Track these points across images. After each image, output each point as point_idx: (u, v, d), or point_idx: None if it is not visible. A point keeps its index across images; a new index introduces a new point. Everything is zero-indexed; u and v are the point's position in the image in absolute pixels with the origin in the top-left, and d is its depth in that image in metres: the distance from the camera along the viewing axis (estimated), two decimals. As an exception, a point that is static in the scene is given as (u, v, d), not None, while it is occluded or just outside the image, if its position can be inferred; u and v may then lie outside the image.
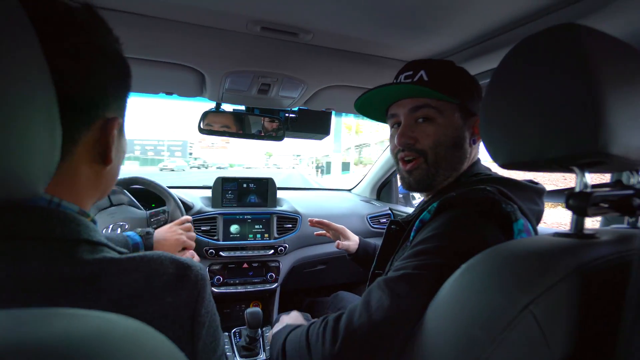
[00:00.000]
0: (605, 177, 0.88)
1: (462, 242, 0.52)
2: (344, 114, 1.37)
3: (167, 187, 1.33)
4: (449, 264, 0.49)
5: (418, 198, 2.09)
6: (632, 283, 0.33)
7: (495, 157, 0.49)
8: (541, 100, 0.41)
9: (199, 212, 1.52)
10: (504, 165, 0.49)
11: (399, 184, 2.11)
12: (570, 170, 0.43)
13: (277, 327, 0.75)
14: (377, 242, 1.17)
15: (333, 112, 1.31)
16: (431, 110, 0.65)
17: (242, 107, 1.26)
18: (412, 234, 0.63)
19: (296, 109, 1.30)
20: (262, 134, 1.28)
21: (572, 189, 0.43)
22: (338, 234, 1.16)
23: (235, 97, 1.06)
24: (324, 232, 1.20)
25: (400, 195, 2.08)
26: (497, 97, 0.48)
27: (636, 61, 0.42)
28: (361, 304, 0.54)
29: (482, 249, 0.44)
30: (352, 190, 2.29)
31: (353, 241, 1.14)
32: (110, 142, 0.42)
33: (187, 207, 1.50)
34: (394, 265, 0.58)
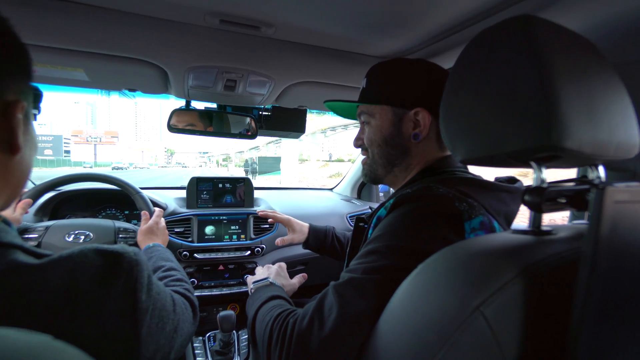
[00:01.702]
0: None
1: (410, 241, 0.51)
2: (318, 111, 1.34)
3: (140, 187, 1.28)
4: (398, 266, 0.48)
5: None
6: (579, 280, 0.32)
7: (454, 152, 0.48)
8: (497, 93, 0.40)
9: (173, 213, 1.47)
10: (463, 161, 0.48)
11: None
12: (528, 166, 0.42)
13: (256, 281, 0.85)
14: None
15: (308, 110, 1.29)
16: (365, 115, 0.72)
17: (214, 105, 1.23)
18: (370, 230, 0.63)
19: (269, 106, 1.27)
20: (235, 132, 1.25)
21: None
22: (285, 226, 1.16)
23: (202, 94, 1.03)
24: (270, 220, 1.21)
25: (381, 194, 2.07)
26: (455, 92, 0.47)
27: (591, 54, 0.41)
28: (313, 309, 0.53)
29: (431, 247, 0.44)
30: (333, 190, 2.27)
31: (299, 232, 1.14)
32: (14, 127, 0.38)
33: (161, 208, 1.45)
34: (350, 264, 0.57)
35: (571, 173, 0.79)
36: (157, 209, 1.09)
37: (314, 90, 1.02)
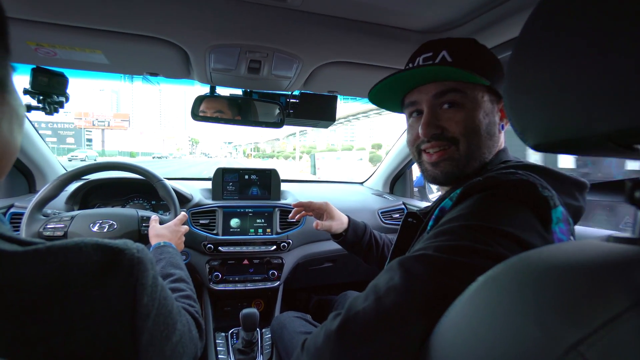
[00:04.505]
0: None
1: (497, 222, 0.42)
2: (349, 97, 1.24)
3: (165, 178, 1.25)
4: (476, 248, 0.40)
5: (436, 191, 1.95)
6: None
7: (524, 136, 0.37)
8: (592, 58, 0.28)
9: (198, 204, 1.44)
10: (537, 147, 0.37)
11: (414, 176, 1.98)
12: (629, 153, 0.30)
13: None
14: (391, 238, 1.06)
15: (339, 96, 1.19)
16: (458, 94, 0.57)
17: (239, 92, 1.16)
18: (430, 223, 0.54)
19: (298, 93, 1.18)
20: (261, 121, 1.18)
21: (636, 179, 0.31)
22: (322, 213, 1.02)
23: (225, 78, 0.96)
24: (302, 214, 1.05)
25: (416, 189, 1.94)
26: (526, 63, 0.36)
27: None
28: (368, 288, 0.46)
29: (526, 236, 0.39)
30: (364, 183, 2.16)
31: (338, 220, 1.00)
32: None
33: (186, 199, 1.43)
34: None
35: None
36: (183, 212, 1.04)
37: (346, 72, 0.91)
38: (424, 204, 1.70)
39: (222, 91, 1.14)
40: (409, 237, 0.62)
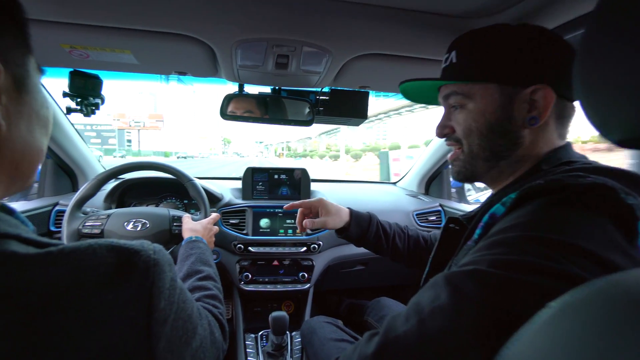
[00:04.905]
0: None
1: (570, 235, 0.34)
2: (382, 93, 1.17)
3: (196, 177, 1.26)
4: (543, 266, 0.33)
5: (475, 193, 1.82)
6: None
7: (605, 132, 0.30)
8: None
9: (228, 204, 1.44)
10: (621, 142, 0.30)
11: (451, 177, 1.86)
12: None
13: None
14: (402, 226, 0.98)
15: (371, 92, 1.12)
16: (458, 97, 0.56)
17: (268, 90, 1.13)
18: (477, 231, 0.48)
19: (327, 89, 1.14)
20: (290, 119, 1.14)
21: None
22: (316, 211, 0.94)
23: (252, 76, 0.93)
24: (301, 218, 0.95)
25: (453, 190, 1.82)
26: (605, 49, 0.29)
27: None
28: (408, 307, 0.40)
29: (608, 255, 0.32)
30: (397, 184, 2.07)
31: (334, 215, 0.90)
32: None
33: (216, 199, 1.43)
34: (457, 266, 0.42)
35: None
36: (216, 213, 1.05)
37: (378, 66, 0.85)
38: (463, 206, 1.59)
39: (251, 89, 1.12)
40: (451, 245, 0.56)
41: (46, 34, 0.72)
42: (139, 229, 1.06)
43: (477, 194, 1.96)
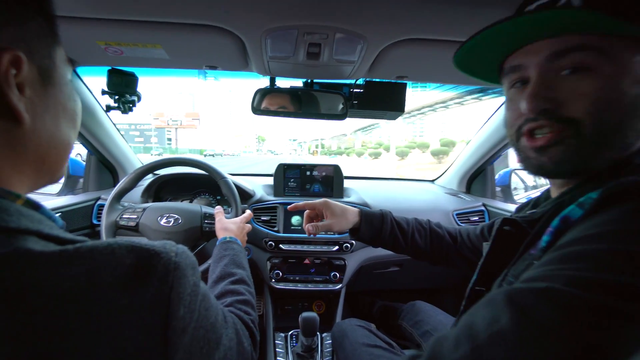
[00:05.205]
0: None
1: None
2: (420, 84, 1.08)
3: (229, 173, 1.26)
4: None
5: (524, 192, 1.67)
6: None
7: None
8: None
9: (260, 200, 1.42)
10: None
11: (496, 175, 1.73)
12: None
13: None
14: (421, 220, 0.90)
15: (408, 84, 1.05)
16: (590, 54, 0.39)
17: (300, 84, 1.10)
18: (544, 238, 0.40)
19: (362, 81, 1.08)
20: (322, 113, 1.10)
21: None
22: (321, 213, 0.88)
23: (283, 68, 0.89)
24: (307, 221, 0.90)
25: (498, 189, 1.68)
26: None
27: None
28: (459, 328, 0.33)
29: None
30: (435, 181, 1.96)
31: (340, 217, 0.84)
32: (4, 87, 0.29)
33: (248, 195, 1.42)
34: (519, 279, 0.35)
35: None
36: (249, 211, 1.04)
37: (418, 52, 0.77)
38: (509, 207, 1.46)
39: (282, 83, 1.09)
40: (505, 252, 0.47)
41: (83, 31, 0.73)
42: (171, 224, 1.07)
43: (525, 194, 1.80)
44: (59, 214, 1.21)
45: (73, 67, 0.42)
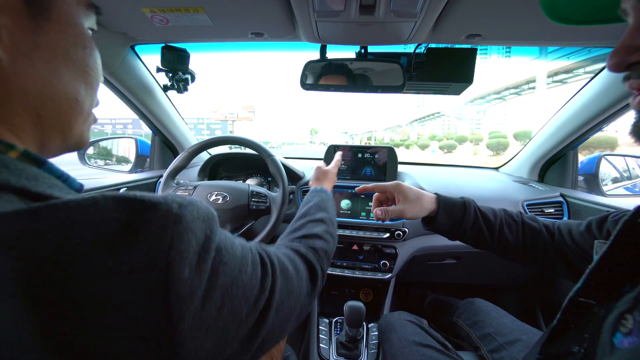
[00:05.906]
0: None
1: None
2: (490, 48, 0.94)
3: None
4: None
5: (620, 183, 1.41)
6: None
7: None
8: None
9: (309, 182, 1.38)
10: None
11: (580, 159, 1.48)
12: None
13: None
14: (511, 213, 0.75)
15: (479, 48, 0.91)
16: None
17: (353, 55, 1.02)
18: None
19: (422, 49, 0.96)
20: (376, 85, 1.01)
21: None
22: (393, 197, 0.78)
23: (334, 32, 0.82)
24: (376, 205, 0.82)
25: (581, 178, 1.45)
26: None
27: None
28: None
29: None
30: (499, 169, 1.76)
31: (415, 203, 0.73)
32: None
33: (298, 177, 1.39)
34: None
35: None
36: (339, 152, 1.02)
37: (495, 2, 0.65)
38: (597, 199, 1.23)
39: (333, 56, 1.02)
40: (634, 253, 0.36)
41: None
42: (220, 201, 1.07)
43: (616, 185, 1.52)
44: (125, 188, 1.28)
45: (97, 14, 0.38)
